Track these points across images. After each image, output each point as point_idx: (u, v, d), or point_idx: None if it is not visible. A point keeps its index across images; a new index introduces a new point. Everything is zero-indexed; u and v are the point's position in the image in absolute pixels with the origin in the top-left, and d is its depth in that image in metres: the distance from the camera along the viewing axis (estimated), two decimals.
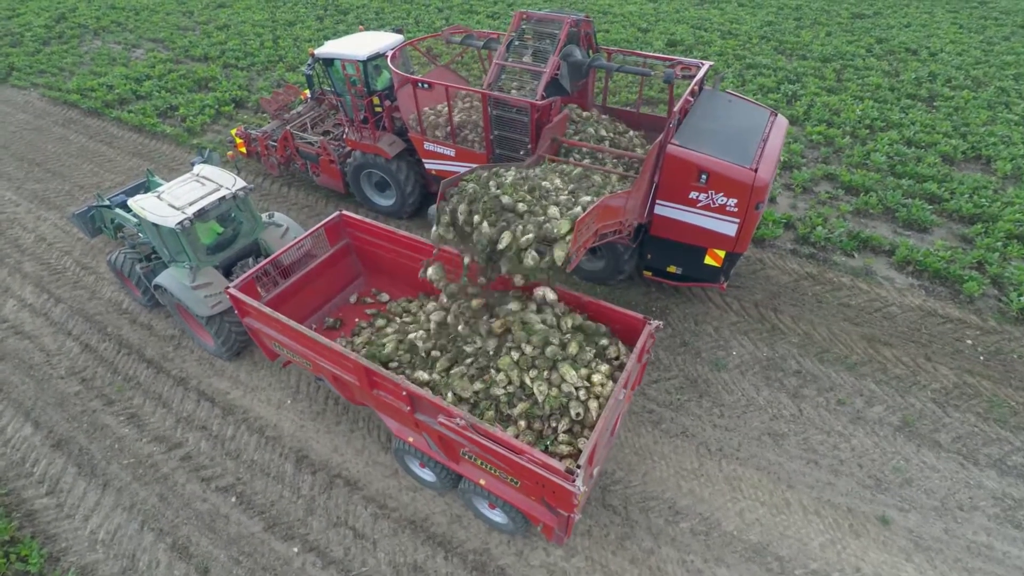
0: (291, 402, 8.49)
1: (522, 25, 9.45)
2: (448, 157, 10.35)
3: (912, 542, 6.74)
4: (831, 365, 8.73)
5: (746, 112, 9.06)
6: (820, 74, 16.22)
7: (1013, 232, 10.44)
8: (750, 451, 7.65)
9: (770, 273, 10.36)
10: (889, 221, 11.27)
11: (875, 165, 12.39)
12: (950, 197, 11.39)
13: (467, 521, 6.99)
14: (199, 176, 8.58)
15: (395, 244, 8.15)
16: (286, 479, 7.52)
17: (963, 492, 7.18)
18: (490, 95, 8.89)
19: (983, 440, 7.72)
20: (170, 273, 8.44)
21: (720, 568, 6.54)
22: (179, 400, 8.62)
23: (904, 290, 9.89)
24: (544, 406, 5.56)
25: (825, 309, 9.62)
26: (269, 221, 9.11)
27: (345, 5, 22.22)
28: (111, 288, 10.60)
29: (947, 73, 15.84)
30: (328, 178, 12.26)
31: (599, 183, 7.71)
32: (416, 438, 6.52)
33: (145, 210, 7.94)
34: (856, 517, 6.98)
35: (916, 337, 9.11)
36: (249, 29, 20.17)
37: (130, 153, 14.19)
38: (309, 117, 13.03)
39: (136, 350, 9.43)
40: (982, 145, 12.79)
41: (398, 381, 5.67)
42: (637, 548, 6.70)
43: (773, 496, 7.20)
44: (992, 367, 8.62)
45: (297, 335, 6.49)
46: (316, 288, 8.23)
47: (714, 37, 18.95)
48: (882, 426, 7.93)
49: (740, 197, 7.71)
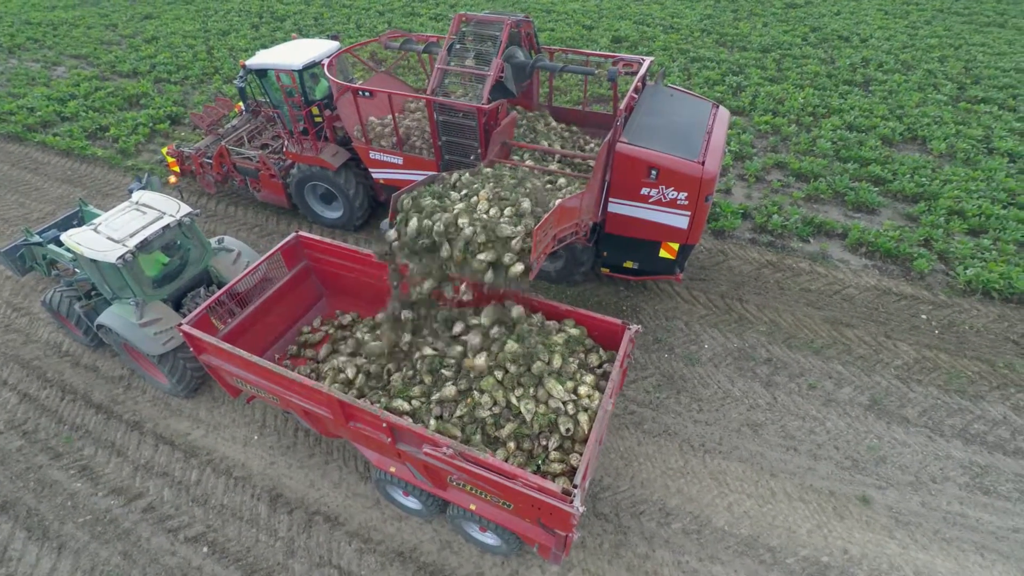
0: (258, 437, 8.02)
1: (462, 28, 9.27)
2: (395, 166, 10.08)
3: (892, 519, 6.95)
4: (799, 350, 8.95)
5: (689, 106, 9.23)
6: (761, 64, 16.69)
7: (953, 208, 10.98)
8: (731, 444, 7.73)
9: (732, 264, 10.54)
10: (839, 205, 11.67)
11: (821, 151, 12.81)
12: (893, 178, 11.90)
13: (457, 546, 6.76)
14: (138, 204, 7.99)
15: (357, 263, 7.83)
16: (260, 522, 7.08)
17: (934, 465, 7.47)
18: (435, 101, 8.67)
19: (946, 412, 8.06)
20: (113, 311, 7.82)
21: (715, 566, 6.56)
22: (135, 446, 8.01)
23: (859, 271, 10.25)
24: (533, 425, 5.40)
25: (788, 295, 9.86)
26: (219, 247, 8.58)
27: (281, 12, 21.37)
28: (48, 329, 9.78)
29: (879, 58, 16.59)
30: (270, 193, 11.73)
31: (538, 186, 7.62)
32: (399, 468, 6.24)
33: (81, 245, 7.32)
34: (838, 499, 7.15)
35: (875, 316, 9.45)
36: (180, 41, 19.10)
37: (59, 180, 13.17)
38: (245, 131, 12.45)
39: (82, 395, 8.72)
40: (917, 126, 13.43)
41: (377, 413, 5.39)
42: (632, 555, 6.64)
43: (758, 487, 7.29)
44: (947, 340, 9.02)
45: (262, 371, 6.10)
46: (277, 315, 7.81)
47: (657, 32, 19.22)
48: (853, 407, 8.16)
49: (690, 190, 7.85)
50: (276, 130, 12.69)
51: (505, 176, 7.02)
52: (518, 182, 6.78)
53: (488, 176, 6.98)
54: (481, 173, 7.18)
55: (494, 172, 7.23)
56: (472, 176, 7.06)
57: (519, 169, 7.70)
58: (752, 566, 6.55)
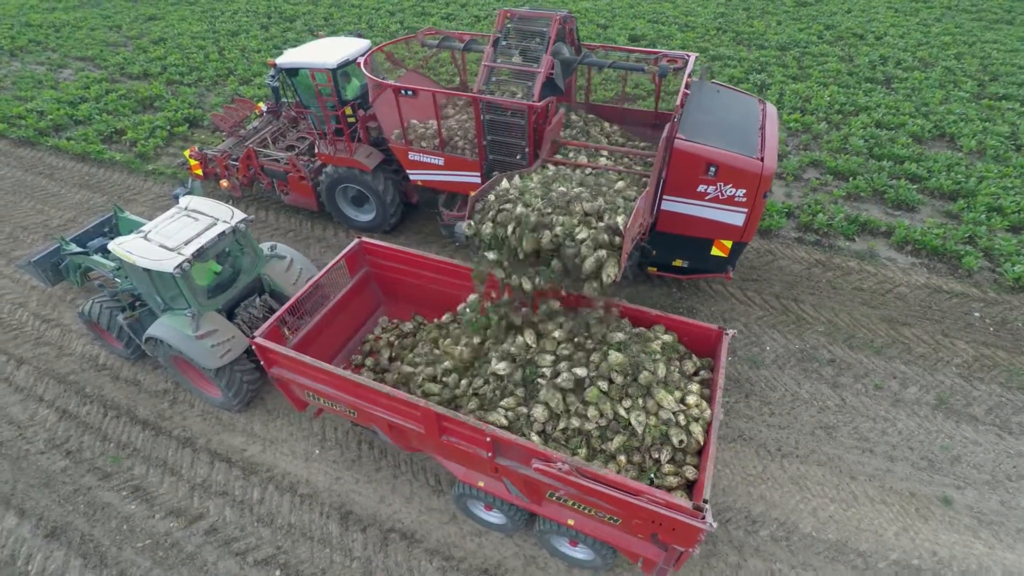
0: (319, 452, 7.73)
1: (507, 24, 9.06)
2: (436, 167, 9.84)
3: (975, 519, 6.90)
4: (860, 350, 8.88)
5: (738, 102, 9.15)
6: (782, 62, 16.70)
7: (992, 205, 11.04)
8: (807, 447, 7.63)
9: (782, 263, 10.46)
10: (879, 203, 11.67)
11: (855, 149, 12.82)
12: (928, 176, 11.93)
13: (543, 561, 6.55)
14: (189, 210, 7.64)
15: (419, 267, 7.56)
16: (333, 541, 6.80)
17: (1007, 463, 7.44)
18: (483, 99, 8.45)
19: (1012, 409, 8.04)
20: (165, 323, 7.47)
21: (808, 572, 6.44)
22: (189, 464, 7.66)
23: (908, 269, 10.24)
24: (644, 437, 5.21)
25: (841, 295, 9.80)
26: (271, 254, 8.26)
27: (290, 13, 20.88)
28: (82, 342, 9.35)
29: (896, 56, 16.71)
30: (298, 196, 11.40)
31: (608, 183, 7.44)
32: (489, 482, 6.01)
33: (132, 254, 6.96)
34: (920, 501, 7.08)
35: (929, 315, 9.43)
36: (189, 42, 18.54)
37: (76, 185, 12.65)
38: (268, 132, 12.09)
39: (126, 411, 8.33)
40: (944, 123, 13.50)
41: (482, 428, 5.16)
42: (724, 564, 6.49)
43: (839, 490, 7.19)
44: (1003, 337, 9.03)
45: (346, 384, 5.83)
46: (339, 324, 7.52)
47: (673, 30, 19.14)
48: (920, 406, 8.12)
49: (749, 187, 7.73)
50: (301, 131, 12.36)
51: (573, 176, 6.83)
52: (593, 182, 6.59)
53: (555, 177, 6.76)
54: (542, 172, 6.97)
55: (557, 171, 7.04)
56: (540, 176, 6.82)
57: (579, 169, 7.52)
58: (845, 572, 6.44)
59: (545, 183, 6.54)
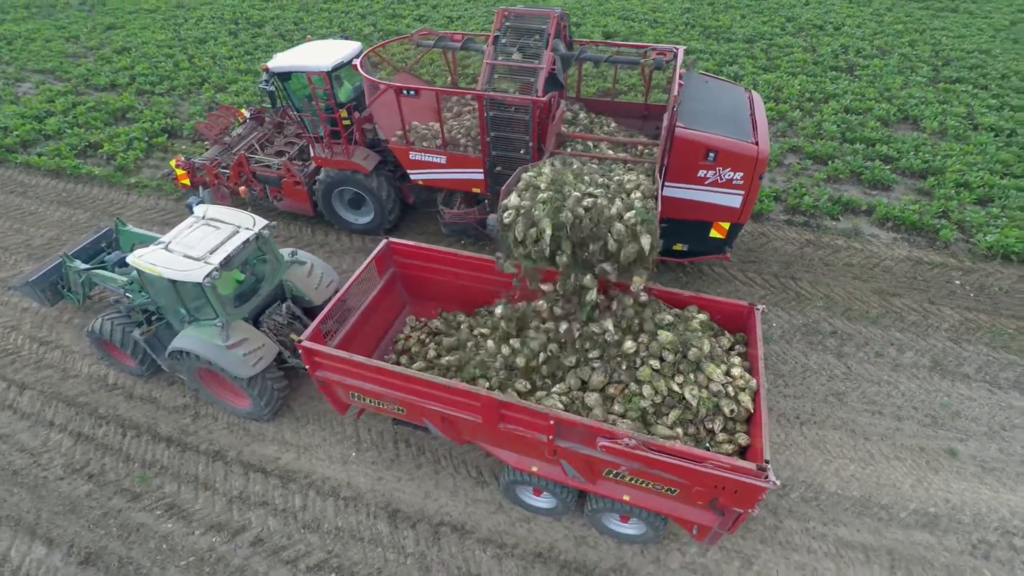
0: (356, 454, 7.72)
1: (505, 22, 9.25)
2: (438, 165, 9.94)
3: (979, 467, 7.50)
4: (857, 321, 9.46)
5: (725, 91, 9.65)
6: (751, 55, 17.43)
7: (959, 181, 11.89)
8: (823, 414, 8.10)
9: (775, 245, 11.00)
10: (856, 184, 12.39)
11: (829, 134, 13.55)
12: (899, 156, 12.74)
13: (593, 541, 6.77)
14: (208, 219, 7.50)
15: (445, 264, 7.64)
16: (384, 540, 6.83)
17: (1000, 415, 8.10)
18: (488, 96, 8.62)
19: (999, 366, 8.74)
20: (190, 335, 7.32)
21: (839, 528, 6.88)
22: (222, 478, 7.53)
23: (890, 244, 10.94)
24: (699, 410, 5.50)
25: (834, 271, 10.40)
26: (292, 260, 8.18)
27: (257, 18, 20.40)
28: (87, 362, 9.01)
29: (855, 45, 17.69)
30: (293, 201, 11.28)
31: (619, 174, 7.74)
32: (542, 467, 6.18)
33: (156, 266, 6.81)
34: (928, 454, 7.64)
35: (915, 285, 10.11)
36: (155, 51, 17.88)
37: (54, 202, 12.09)
38: (255, 139, 11.90)
39: (146, 429, 8.10)
40: (907, 107, 14.42)
41: (545, 411, 5.33)
42: (762, 527, 6.86)
43: (856, 451, 7.68)
44: (982, 302, 9.78)
45: (402, 380, 5.89)
46: (372, 325, 7.53)
47: (643, 27, 19.67)
48: (918, 369, 8.73)
49: (746, 170, 8.19)
50: (288, 137, 12.21)
51: (584, 167, 7.05)
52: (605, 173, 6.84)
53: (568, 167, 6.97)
54: (552, 165, 7.15)
55: (564, 163, 7.22)
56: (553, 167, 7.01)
57: (587, 160, 7.75)
58: (872, 524, 6.91)
59: (556, 176, 6.71)
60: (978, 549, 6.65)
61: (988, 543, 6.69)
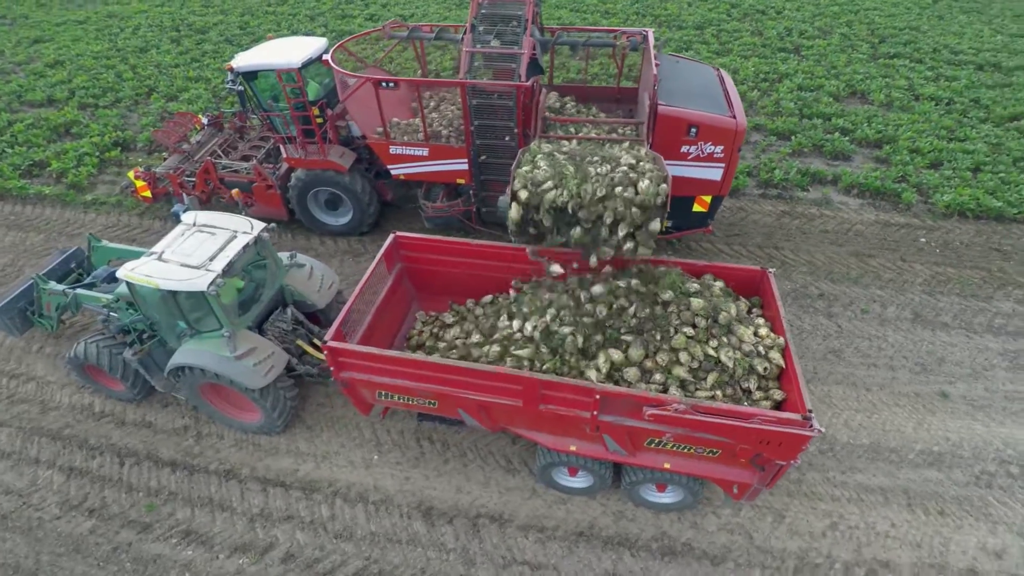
0: (378, 456, 7.51)
1: (480, 10, 9.25)
2: (420, 158, 9.81)
3: (969, 405, 8.06)
4: (841, 283, 9.97)
5: (696, 70, 10.01)
6: (704, 40, 18.04)
7: (911, 148, 12.72)
8: (824, 370, 8.50)
9: (754, 218, 11.44)
10: (819, 156, 13.04)
11: (787, 111, 14.20)
12: (854, 128, 13.50)
13: (631, 514, 6.85)
14: (201, 226, 7.11)
15: (453, 254, 7.53)
16: (422, 539, 6.68)
17: (980, 356, 8.73)
18: (471, 84, 8.59)
19: (971, 313, 9.42)
20: (192, 349, 6.92)
21: (856, 474, 7.24)
22: (239, 497, 7.15)
23: (858, 210, 11.58)
24: (735, 371, 5.65)
25: (811, 238, 10.92)
26: (291, 263, 7.86)
27: (200, 24, 19.45)
28: (66, 392, 8.36)
29: (798, 27, 18.62)
30: (265, 206, 10.82)
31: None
32: (581, 445, 6.20)
33: (153, 277, 6.39)
34: (923, 399, 8.14)
35: (887, 245, 10.75)
36: (92, 63, 16.73)
37: (2, 226, 11.13)
38: (216, 144, 11.41)
39: (146, 455, 7.59)
40: (854, 82, 15.30)
41: (592, 387, 5.35)
42: (787, 481, 7.13)
43: (860, 402, 8.10)
44: (948, 256, 10.50)
45: (438, 371, 5.78)
46: (385, 322, 7.33)
47: (597, 18, 20.03)
48: (902, 322, 9.29)
49: (726, 143, 8.52)
50: (254, 140, 11.75)
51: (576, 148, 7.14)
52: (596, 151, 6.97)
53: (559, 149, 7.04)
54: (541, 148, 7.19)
55: (555, 146, 7.28)
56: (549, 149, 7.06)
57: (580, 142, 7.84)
58: (885, 467, 7.31)
59: (552, 157, 6.77)
60: (981, 480, 7.15)
61: (989, 473, 7.20)
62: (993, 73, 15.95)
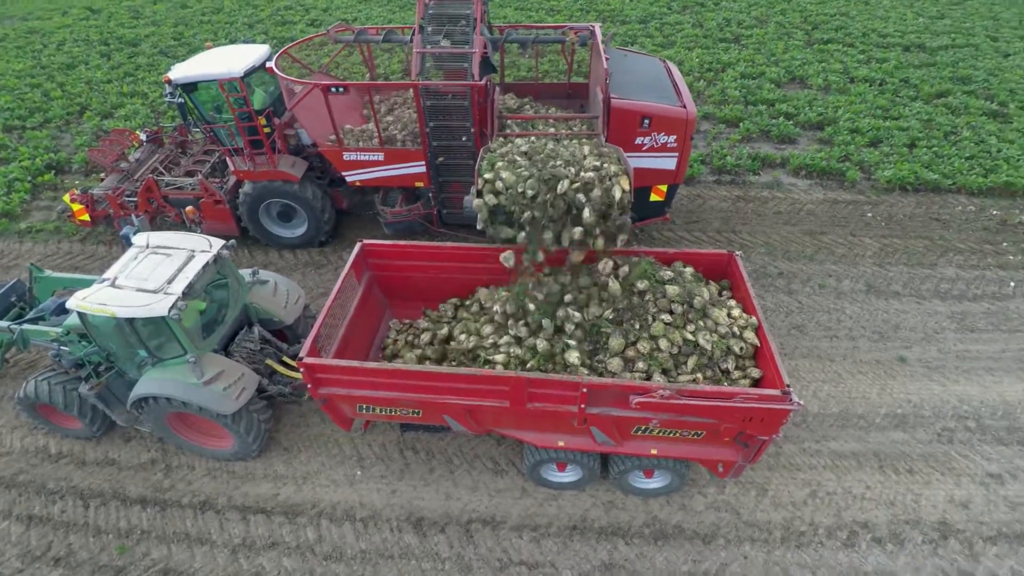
0: (361, 472, 7.33)
1: (427, 11, 9.17)
2: (376, 163, 9.65)
3: (925, 367, 8.52)
4: (797, 261, 10.38)
5: (644, 63, 10.24)
6: (648, 34, 18.44)
7: (851, 128, 13.35)
8: (790, 346, 8.82)
9: (711, 204, 11.77)
10: (767, 141, 13.52)
11: (733, 99, 14.67)
12: (797, 112, 14.06)
13: (621, 503, 6.93)
14: (155, 247, 6.76)
15: (435, 259, 7.41)
16: (416, 551, 6.55)
17: (930, 321, 9.24)
18: (424, 86, 8.52)
19: (919, 280, 9.96)
20: (155, 378, 6.57)
21: (831, 442, 7.55)
22: (217, 528, 6.84)
23: (807, 190, 12.07)
24: (714, 352, 5.79)
25: (766, 220, 11.31)
26: (254, 280, 7.56)
27: (131, 37, 18.49)
28: (17, 435, 7.81)
29: (736, 17, 19.27)
30: (215, 222, 10.41)
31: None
32: (569, 439, 6.22)
33: (108, 306, 6.04)
34: (883, 365, 8.56)
35: (836, 222, 11.25)
36: (15, 82, 15.66)
37: None
38: (157, 161, 10.93)
39: (112, 495, 7.17)
40: (792, 68, 15.94)
41: (578, 380, 5.37)
42: (767, 456, 7.36)
43: (826, 373, 8.45)
44: (893, 228, 11.07)
45: (423, 379, 5.67)
46: (359, 334, 7.15)
47: (542, 15, 20.18)
48: (857, 294, 9.74)
49: (679, 132, 8.73)
50: (197, 154, 11.30)
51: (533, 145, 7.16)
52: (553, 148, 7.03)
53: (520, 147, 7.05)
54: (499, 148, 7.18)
55: (514, 144, 7.28)
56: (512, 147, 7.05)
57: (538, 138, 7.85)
58: (856, 433, 7.65)
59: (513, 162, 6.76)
60: (943, 436, 7.58)
61: (950, 430, 7.64)
62: (918, 53, 16.97)
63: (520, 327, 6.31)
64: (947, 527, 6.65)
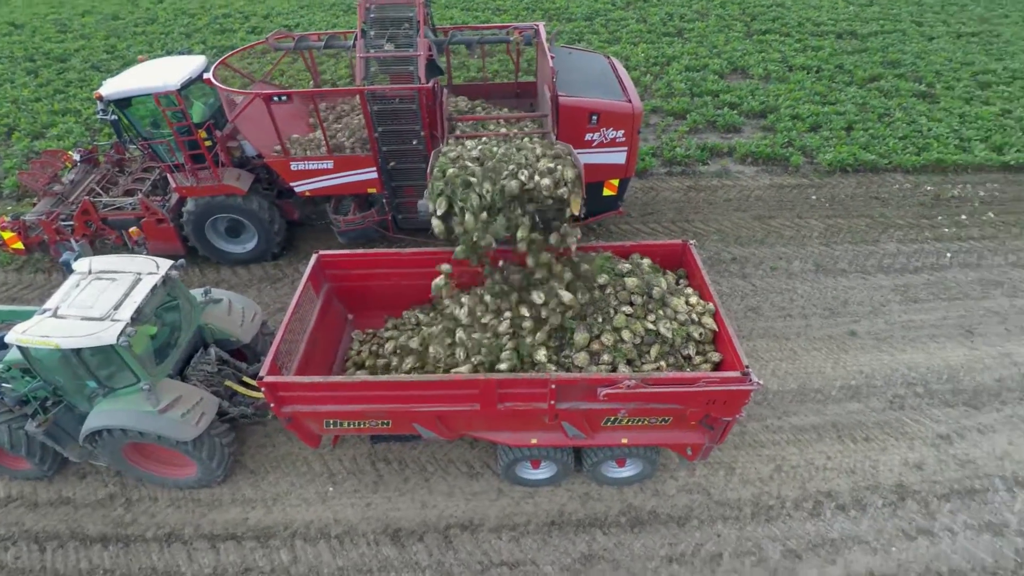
0: (333, 488, 7.19)
1: (369, 15, 9.08)
2: (325, 172, 9.49)
3: (874, 339, 8.95)
4: (748, 245, 10.73)
5: (588, 60, 10.44)
6: (593, 30, 18.70)
7: (792, 115, 13.88)
8: (746, 328, 9.11)
9: (664, 195, 12.04)
10: (713, 131, 13.91)
11: (679, 92, 15.03)
12: (740, 101, 14.53)
13: (597, 494, 7.02)
14: (98, 272, 6.46)
15: (395, 266, 7.31)
16: (395, 563, 6.48)
17: (876, 295, 9.71)
18: (370, 91, 8.45)
19: (863, 256, 10.45)
20: (110, 409, 6.29)
21: (791, 417, 7.84)
22: (186, 559, 6.59)
23: (754, 176, 12.49)
24: (674, 340, 5.92)
25: (717, 208, 11.65)
26: (206, 299, 7.32)
27: (59, 52, 17.56)
28: None
29: (678, 11, 19.76)
30: (159, 242, 10.02)
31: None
32: (541, 436, 6.27)
33: (51, 337, 5.74)
34: (836, 340, 8.95)
35: (783, 206, 11.69)
36: None
37: None
38: (93, 182, 10.49)
39: (70, 535, 6.81)
40: (734, 59, 16.46)
41: (546, 377, 5.41)
42: (732, 435, 7.58)
43: (782, 351, 8.77)
44: (837, 209, 11.58)
45: (392, 389, 5.61)
46: (321, 348, 7.00)
47: (488, 15, 20.20)
48: (806, 273, 10.14)
49: (626, 127, 8.95)
50: (136, 172, 10.87)
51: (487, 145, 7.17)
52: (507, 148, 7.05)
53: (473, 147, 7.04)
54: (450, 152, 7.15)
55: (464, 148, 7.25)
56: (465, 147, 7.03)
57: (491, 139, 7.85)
58: (814, 407, 7.98)
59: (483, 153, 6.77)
60: (894, 403, 7.98)
61: (900, 396, 8.05)
62: (851, 40, 17.78)
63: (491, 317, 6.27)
64: (904, 489, 7.00)
